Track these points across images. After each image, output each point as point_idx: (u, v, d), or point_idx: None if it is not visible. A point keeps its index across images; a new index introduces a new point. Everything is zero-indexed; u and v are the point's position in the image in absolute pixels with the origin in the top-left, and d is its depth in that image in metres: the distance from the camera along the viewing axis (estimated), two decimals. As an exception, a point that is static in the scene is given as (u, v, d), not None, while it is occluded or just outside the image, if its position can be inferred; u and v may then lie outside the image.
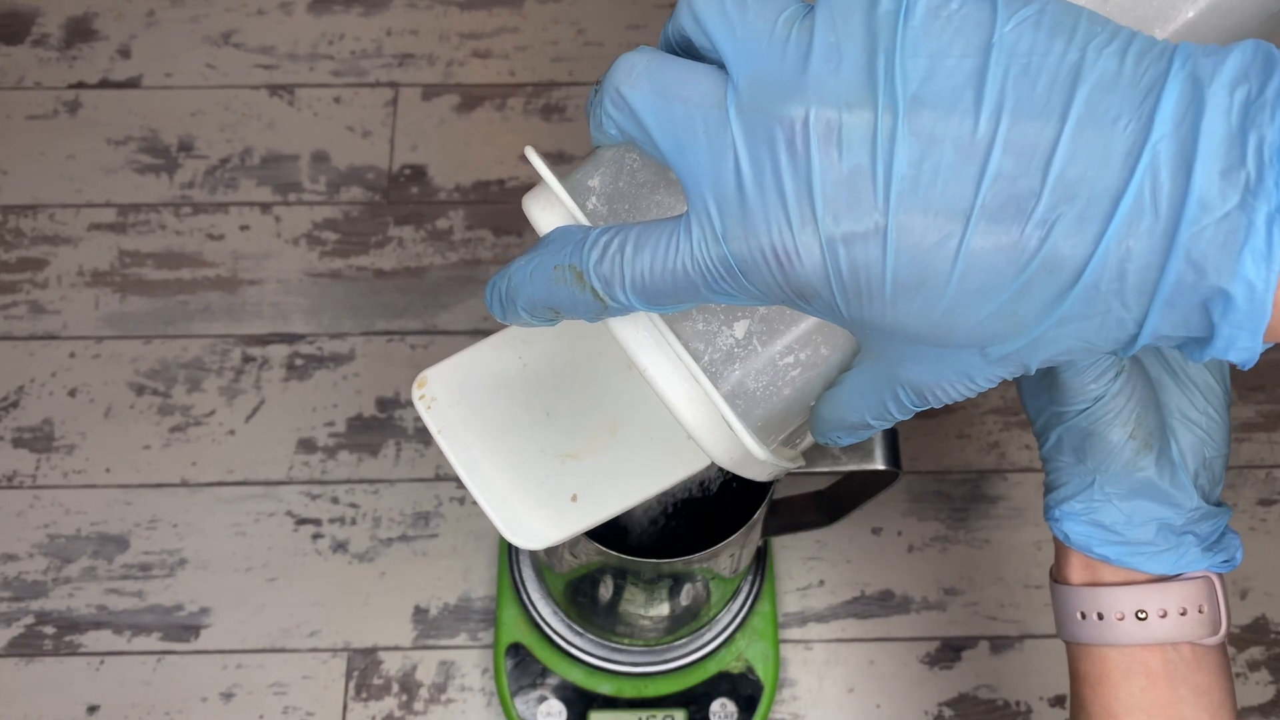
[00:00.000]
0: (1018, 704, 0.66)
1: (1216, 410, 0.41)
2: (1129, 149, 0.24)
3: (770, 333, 0.31)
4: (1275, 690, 0.67)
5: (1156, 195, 0.23)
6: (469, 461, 0.37)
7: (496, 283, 0.31)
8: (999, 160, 0.24)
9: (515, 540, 0.36)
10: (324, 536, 0.69)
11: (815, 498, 0.61)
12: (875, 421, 0.32)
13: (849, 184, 0.25)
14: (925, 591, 0.69)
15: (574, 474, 0.38)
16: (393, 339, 0.74)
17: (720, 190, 0.26)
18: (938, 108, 0.25)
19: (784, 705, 0.66)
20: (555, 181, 0.32)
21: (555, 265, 0.29)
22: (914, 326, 0.26)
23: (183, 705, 0.66)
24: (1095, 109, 0.24)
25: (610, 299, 0.29)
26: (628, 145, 0.31)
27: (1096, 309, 0.25)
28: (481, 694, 0.66)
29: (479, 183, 0.79)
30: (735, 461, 0.33)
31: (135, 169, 0.79)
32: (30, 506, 0.70)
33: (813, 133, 0.25)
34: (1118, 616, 0.39)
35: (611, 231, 0.29)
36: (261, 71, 0.82)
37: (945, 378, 0.28)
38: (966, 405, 0.73)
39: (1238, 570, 0.69)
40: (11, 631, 0.67)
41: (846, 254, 0.25)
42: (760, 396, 0.32)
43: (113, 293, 0.75)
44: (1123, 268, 0.24)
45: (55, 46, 0.82)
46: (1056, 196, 0.24)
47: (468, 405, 0.38)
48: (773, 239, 0.26)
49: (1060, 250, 0.24)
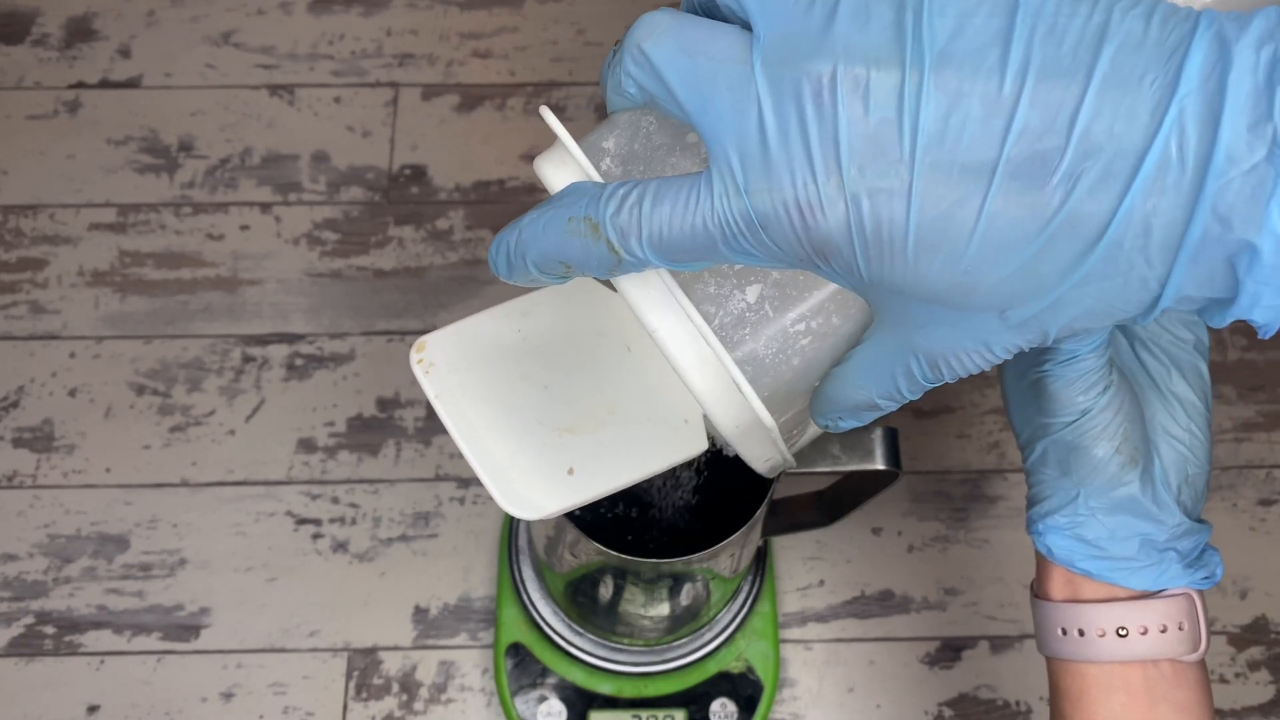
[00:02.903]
0: (1018, 704, 0.66)
1: (1199, 427, 0.40)
2: (1155, 105, 0.24)
3: (783, 299, 0.31)
4: (1275, 690, 0.67)
5: (1183, 149, 0.23)
6: (465, 428, 0.37)
7: (504, 237, 0.31)
8: (1024, 116, 0.24)
9: (510, 508, 0.36)
10: (324, 536, 0.69)
11: (815, 498, 0.61)
12: (883, 401, 0.31)
13: (875, 138, 0.25)
14: (925, 591, 0.69)
15: (571, 448, 0.37)
16: (393, 339, 0.74)
17: (744, 144, 0.26)
18: (964, 65, 0.25)
19: (784, 705, 0.66)
20: (570, 139, 0.31)
21: (570, 217, 0.29)
22: (935, 285, 0.26)
23: (183, 705, 0.66)
24: (1121, 68, 0.24)
25: (625, 252, 0.28)
26: (644, 109, 0.31)
27: (1120, 268, 0.25)
28: (481, 694, 0.66)
29: (479, 183, 0.79)
30: (739, 431, 0.32)
31: (135, 169, 0.79)
32: (30, 506, 0.70)
33: (840, 87, 0.25)
34: (1098, 633, 0.39)
35: (629, 185, 0.28)
36: (261, 71, 0.82)
37: (962, 345, 0.28)
38: (966, 405, 0.73)
39: (1238, 570, 0.69)
40: (11, 631, 0.67)
41: (870, 207, 0.25)
42: (769, 364, 0.31)
43: (113, 293, 0.75)
44: (1148, 223, 0.24)
45: (55, 46, 0.82)
46: (1081, 152, 0.24)
47: (466, 373, 0.38)
48: (796, 191, 0.26)
49: (1084, 206, 0.24)
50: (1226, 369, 0.74)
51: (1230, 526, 0.71)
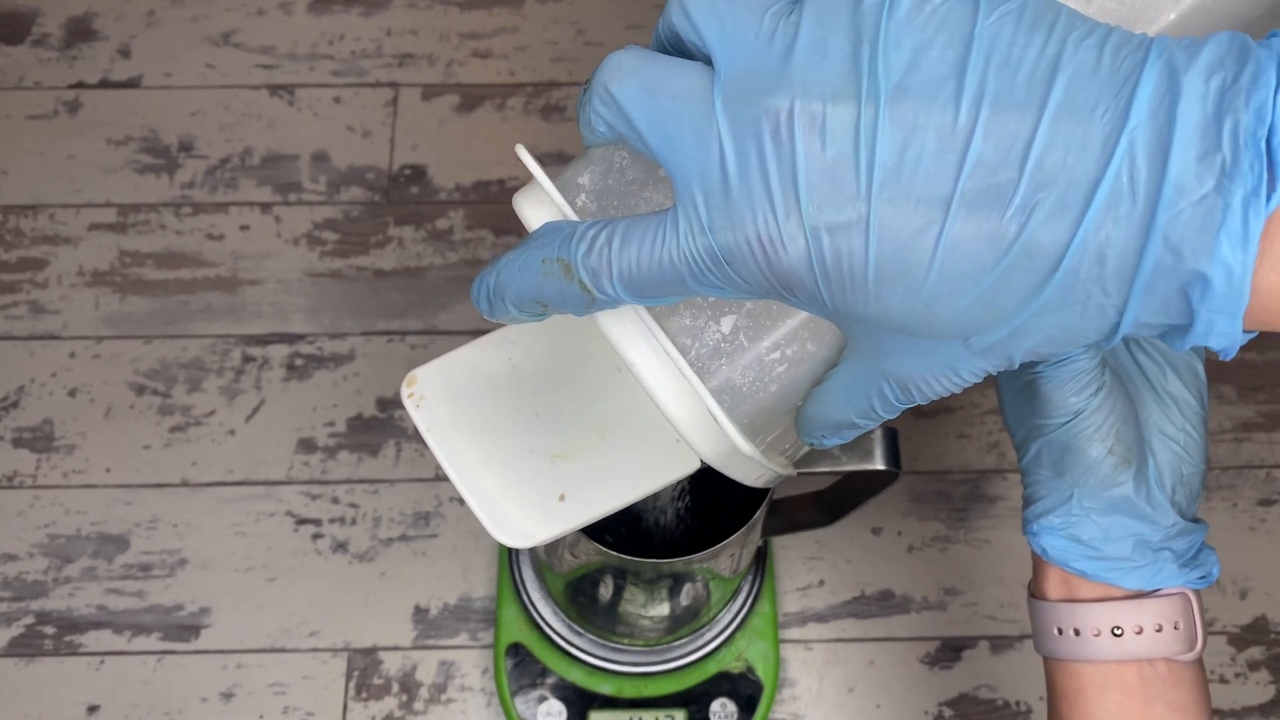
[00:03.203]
0: (1018, 704, 0.66)
1: (1194, 427, 0.41)
2: (1106, 136, 0.24)
3: (757, 328, 0.31)
4: (1275, 690, 0.67)
5: (1134, 180, 0.24)
6: (457, 460, 0.37)
7: (485, 278, 0.31)
8: (979, 148, 0.24)
9: (502, 539, 0.36)
10: (324, 536, 0.69)
11: (815, 498, 0.61)
12: (861, 420, 0.32)
13: (832, 172, 0.25)
14: (925, 591, 0.69)
15: (562, 474, 0.38)
16: (393, 339, 0.74)
17: (706, 182, 0.27)
18: (920, 98, 0.25)
19: (784, 705, 0.66)
20: (544, 177, 0.32)
21: (544, 259, 0.29)
22: (897, 316, 0.27)
23: (183, 705, 0.66)
24: (1074, 99, 0.24)
25: (598, 291, 0.29)
26: (617, 144, 0.31)
27: (1077, 296, 0.25)
28: (481, 694, 0.66)
29: (479, 183, 0.79)
30: (722, 458, 0.33)
31: (135, 169, 0.79)
32: (30, 506, 0.70)
33: (797, 123, 0.25)
34: (1094, 632, 0.39)
35: (599, 225, 0.29)
36: (261, 71, 0.82)
37: (930, 370, 0.28)
38: (966, 405, 0.74)
39: (1238, 570, 0.69)
40: (11, 631, 0.67)
41: (830, 242, 0.26)
42: (747, 393, 0.32)
43: (113, 293, 0.75)
44: (1102, 253, 0.24)
45: (55, 46, 0.82)
46: (1035, 184, 0.24)
47: (456, 404, 0.38)
48: (758, 228, 0.26)
49: (1039, 237, 0.24)
50: (1226, 369, 0.74)
51: (1230, 526, 0.71)
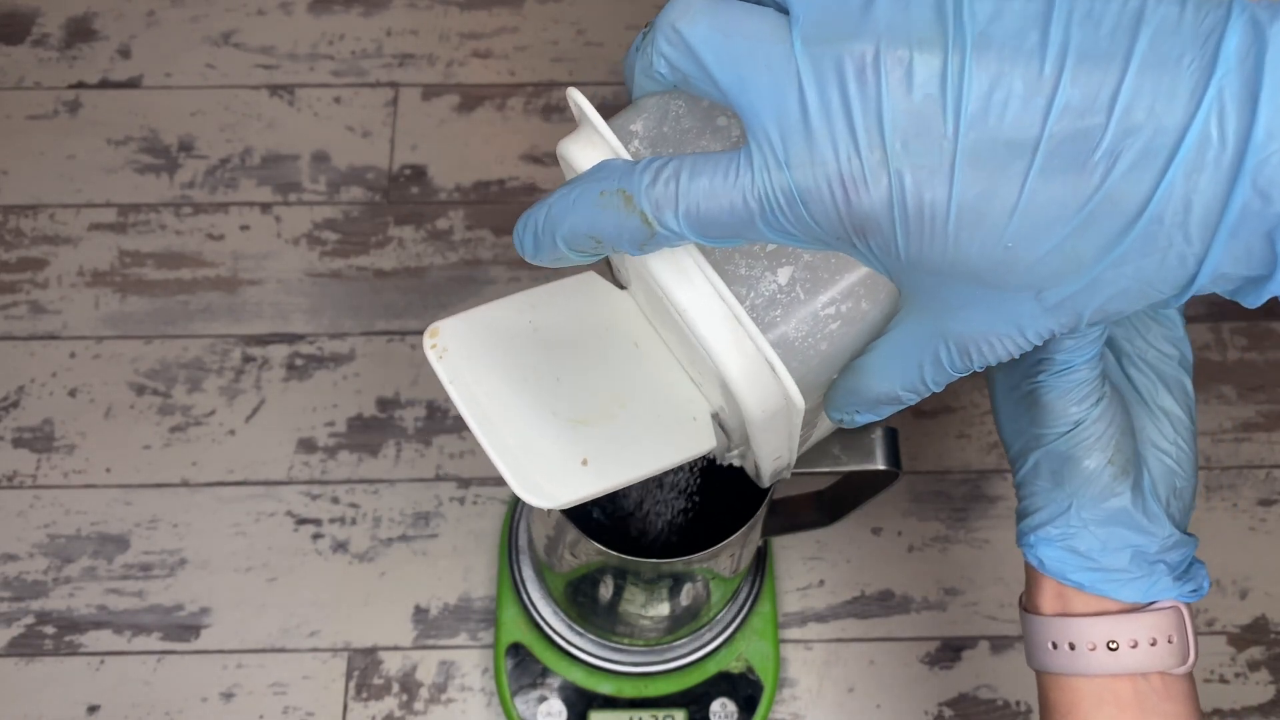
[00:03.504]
0: (1018, 704, 0.66)
1: (1185, 441, 0.41)
2: (1194, 85, 0.24)
3: (815, 281, 0.31)
4: (1275, 690, 0.67)
5: (1223, 127, 0.24)
6: (480, 413, 0.36)
7: (533, 214, 0.30)
8: (1066, 95, 0.25)
9: (527, 496, 0.35)
10: (324, 536, 0.69)
11: (815, 498, 0.61)
12: (905, 393, 0.31)
13: (918, 115, 0.25)
14: (925, 591, 0.69)
15: (584, 439, 0.37)
16: (393, 339, 0.74)
17: (785, 120, 0.26)
18: (1004, 47, 0.25)
19: (784, 705, 0.66)
20: (600, 120, 0.31)
21: (602, 191, 0.29)
22: (974, 263, 0.27)
23: (183, 705, 0.66)
24: (1159, 50, 0.25)
25: (660, 225, 0.28)
26: (672, 92, 0.31)
27: (1159, 244, 0.25)
28: (482, 694, 0.66)
29: (479, 183, 0.79)
30: (766, 416, 0.32)
31: (135, 169, 0.79)
32: (30, 506, 0.70)
33: (884, 66, 0.26)
34: (1089, 647, 0.39)
35: (664, 159, 0.28)
36: (261, 71, 0.82)
37: (995, 329, 0.28)
38: (966, 405, 0.74)
39: (1238, 570, 0.69)
40: (12, 631, 0.67)
41: (913, 182, 0.26)
42: (799, 348, 0.31)
43: (113, 293, 0.75)
44: (1188, 199, 0.25)
45: (55, 46, 0.82)
46: (1122, 130, 0.25)
47: (479, 359, 0.37)
48: (840, 165, 0.26)
49: (1125, 183, 0.25)
50: (1226, 369, 0.74)
51: (1230, 526, 0.71)
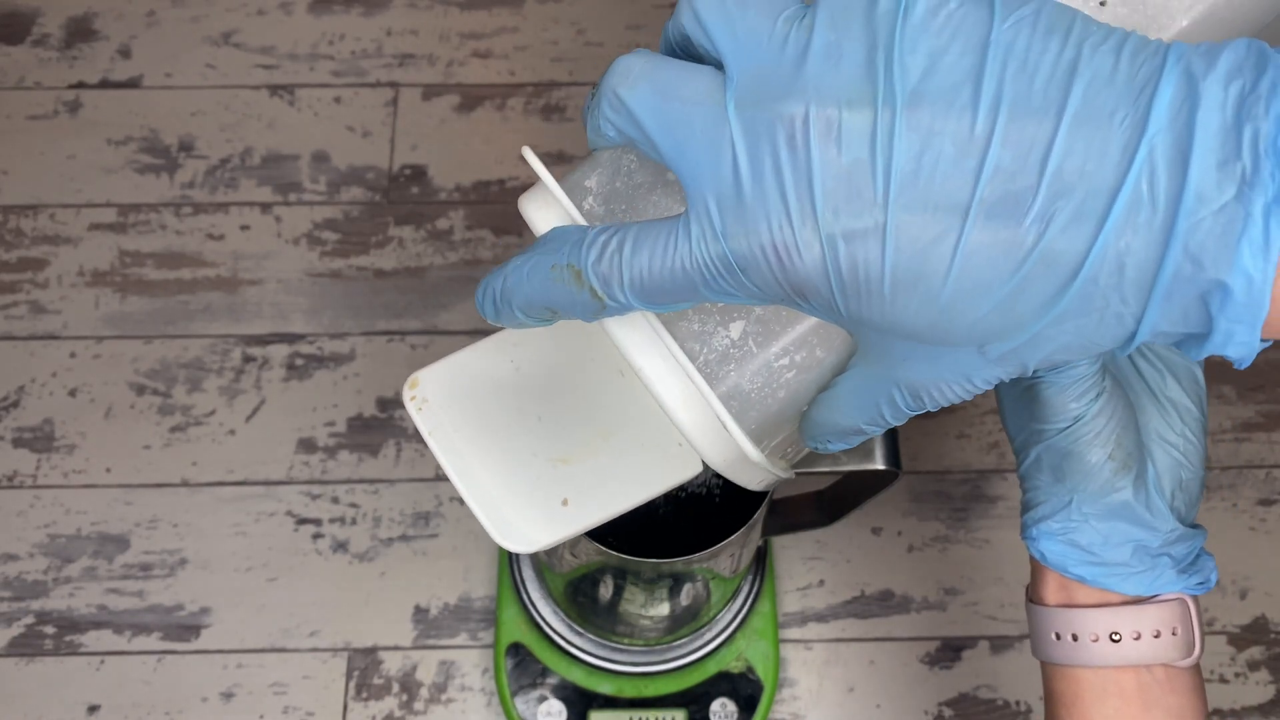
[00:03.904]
0: (1018, 704, 0.66)
1: (1193, 433, 0.41)
2: (1125, 143, 0.24)
3: (766, 334, 0.31)
4: (1275, 690, 0.67)
5: (1154, 188, 0.23)
6: (459, 464, 0.37)
7: (490, 283, 0.31)
8: (997, 155, 0.24)
9: (505, 543, 0.36)
10: (324, 536, 0.69)
11: (815, 498, 0.61)
12: (868, 426, 0.31)
13: (849, 179, 0.25)
14: (925, 591, 0.69)
15: (565, 479, 0.38)
16: (393, 339, 0.74)
17: (720, 188, 0.26)
18: (936, 104, 0.25)
19: (784, 705, 0.66)
20: (552, 181, 0.32)
21: (553, 265, 0.29)
22: (913, 323, 0.26)
23: (183, 705, 0.66)
24: (1092, 104, 0.24)
25: (608, 298, 0.28)
26: (625, 147, 0.31)
27: (1095, 305, 0.25)
28: (482, 694, 0.66)
29: (479, 183, 0.79)
30: (729, 464, 0.33)
31: (135, 169, 0.79)
32: (31, 506, 0.70)
33: (812, 129, 0.25)
34: (1092, 638, 0.39)
35: (610, 230, 0.28)
36: (262, 71, 0.82)
37: (943, 378, 0.28)
38: (966, 405, 0.73)
39: (1238, 570, 0.69)
40: (12, 631, 0.67)
41: (846, 249, 0.25)
42: (755, 399, 0.32)
43: (113, 293, 0.75)
44: (1121, 261, 0.24)
45: (55, 46, 0.82)
46: (1054, 191, 0.24)
47: (459, 407, 0.38)
48: (773, 235, 0.26)
49: (1058, 245, 0.24)
50: (1226, 369, 0.74)
51: (1230, 526, 0.71)
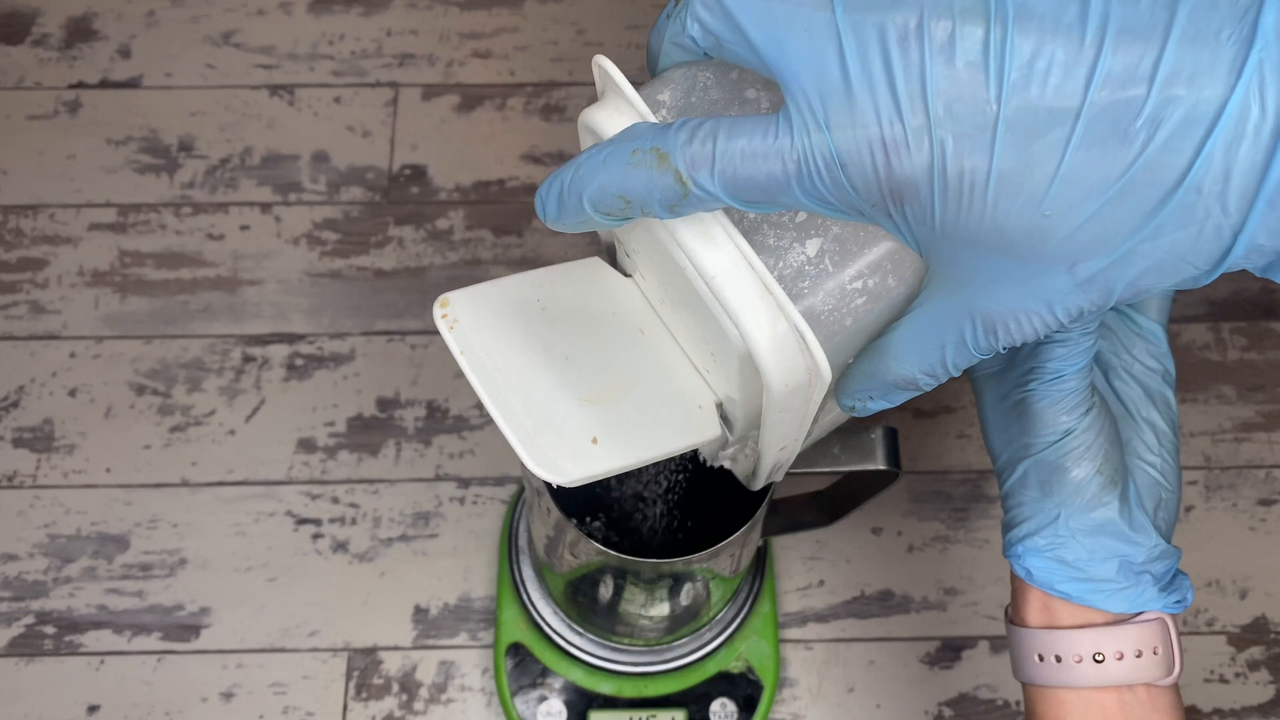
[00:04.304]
0: (1018, 704, 0.66)
1: (1169, 453, 0.41)
2: (1233, 58, 0.25)
3: (843, 253, 0.31)
4: (1275, 690, 0.67)
5: (1264, 98, 0.24)
6: (491, 385, 0.36)
7: (559, 175, 0.30)
8: (1107, 64, 0.25)
9: (539, 469, 0.35)
10: (324, 536, 0.69)
11: (815, 498, 0.61)
12: (924, 377, 0.31)
13: (961, 81, 0.26)
14: (925, 591, 0.69)
15: (594, 418, 0.36)
16: (393, 339, 0.74)
17: (825, 83, 0.27)
18: (1045, 20, 0.25)
19: (784, 705, 0.66)
20: (629, 86, 0.31)
21: (634, 149, 0.28)
22: (1010, 231, 0.27)
23: (183, 705, 0.66)
24: (1197, 25, 0.25)
25: (694, 184, 0.28)
26: (699, 63, 0.31)
27: (1196, 215, 0.26)
28: (482, 694, 0.66)
29: (479, 183, 0.79)
30: (788, 391, 0.31)
31: (135, 169, 0.79)
32: (30, 506, 0.70)
33: (926, 33, 0.26)
34: (1075, 659, 0.39)
35: (699, 119, 0.28)
36: (261, 71, 0.82)
37: (1025, 305, 0.28)
38: (966, 405, 0.73)
39: (1238, 570, 0.69)
40: (11, 631, 0.67)
41: (955, 148, 0.26)
42: (825, 321, 0.31)
43: (113, 293, 0.75)
44: (1227, 169, 0.25)
45: (55, 46, 0.82)
46: (1163, 99, 0.25)
47: (489, 332, 0.37)
48: (882, 129, 0.26)
49: (1164, 154, 0.25)
50: (1226, 369, 0.74)
51: (1230, 526, 0.71)
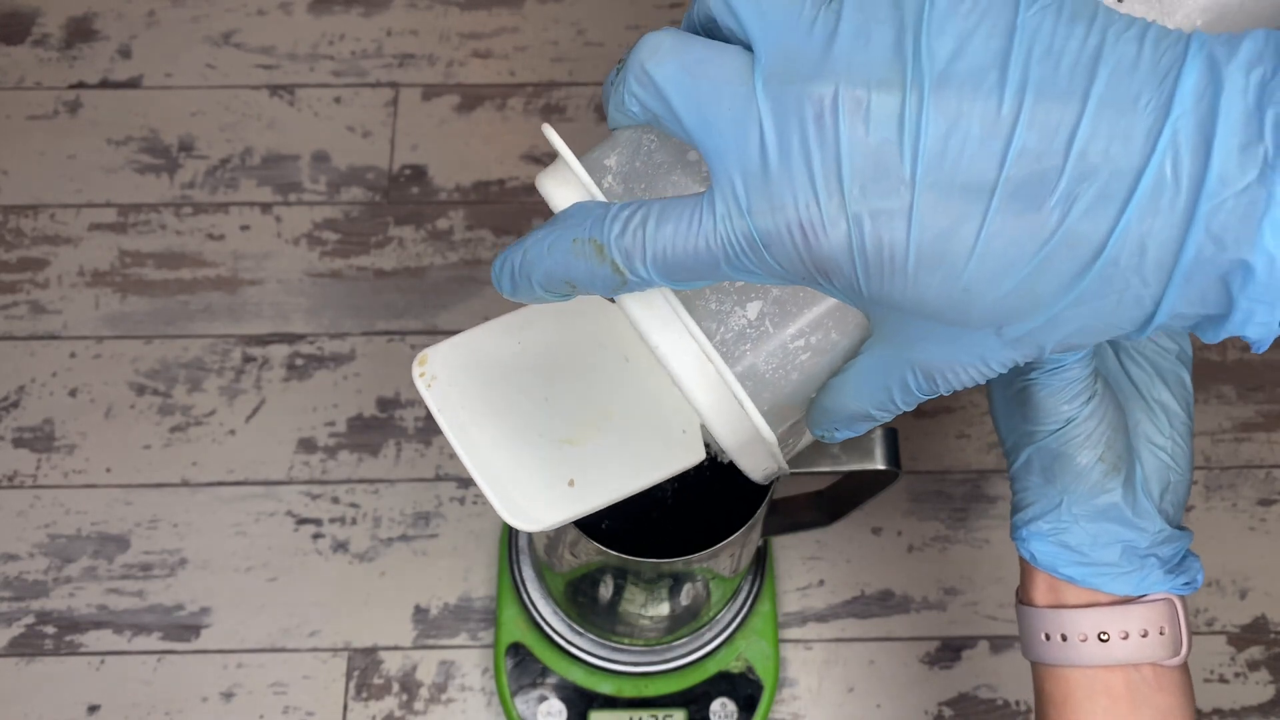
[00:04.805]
0: (1017, 704, 0.66)
1: (1181, 437, 0.41)
2: (1150, 127, 0.24)
3: (783, 314, 0.31)
4: (1275, 690, 0.67)
5: (1178, 171, 0.24)
6: (467, 441, 0.37)
7: (509, 257, 0.31)
8: (1023, 137, 0.25)
9: (512, 520, 0.36)
10: (324, 536, 0.69)
11: (815, 498, 0.61)
12: (877, 412, 0.32)
13: (876, 158, 0.25)
14: (925, 591, 0.69)
15: (571, 459, 0.38)
16: (393, 339, 0.74)
17: (746, 164, 0.27)
18: (964, 86, 0.25)
19: (784, 705, 0.66)
20: (572, 158, 0.31)
21: (575, 239, 0.29)
22: (934, 302, 0.27)
23: (183, 705, 0.66)
24: (1116, 89, 0.24)
25: (630, 273, 0.28)
26: (645, 126, 0.31)
27: (1115, 286, 0.25)
28: (482, 694, 0.66)
29: (479, 183, 0.79)
30: (740, 446, 0.33)
31: (135, 169, 0.79)
32: (31, 506, 0.70)
33: (841, 108, 0.26)
34: (1080, 638, 0.40)
35: (633, 206, 0.29)
36: (262, 71, 0.82)
37: (959, 359, 0.28)
38: (966, 405, 0.74)
39: (1238, 570, 0.69)
40: (12, 631, 0.67)
41: (872, 227, 0.26)
42: (769, 379, 0.32)
43: (113, 293, 0.75)
44: (1143, 243, 0.24)
45: (55, 46, 0.82)
46: (1078, 173, 0.25)
47: (467, 385, 0.38)
48: (799, 212, 0.26)
49: (1081, 226, 0.25)
50: (1226, 369, 0.74)
51: (1230, 526, 0.71)
